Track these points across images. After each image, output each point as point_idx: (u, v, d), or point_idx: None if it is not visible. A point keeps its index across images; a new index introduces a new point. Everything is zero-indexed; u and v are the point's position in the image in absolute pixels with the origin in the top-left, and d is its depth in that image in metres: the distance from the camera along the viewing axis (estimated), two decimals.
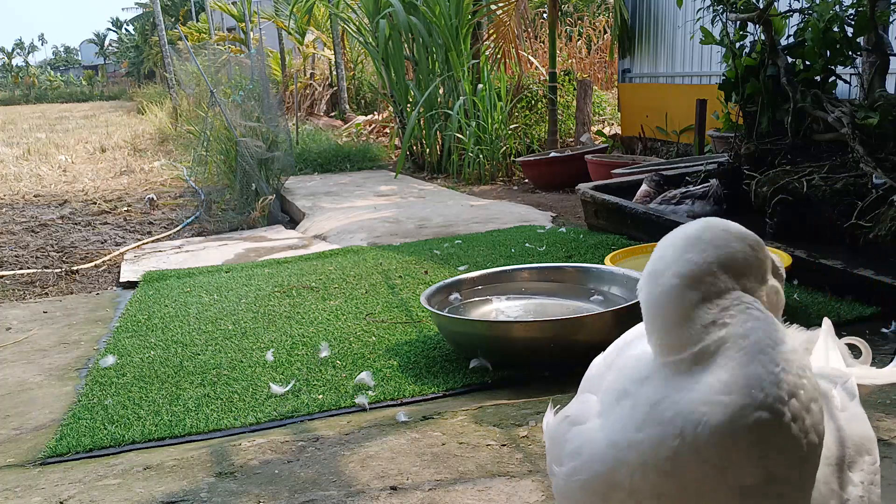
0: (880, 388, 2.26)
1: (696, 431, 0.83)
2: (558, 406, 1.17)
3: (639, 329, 1.09)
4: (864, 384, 1.17)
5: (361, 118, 13.58)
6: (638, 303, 0.99)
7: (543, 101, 8.60)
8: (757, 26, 4.28)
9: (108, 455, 2.24)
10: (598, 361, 1.14)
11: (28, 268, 5.11)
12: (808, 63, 4.16)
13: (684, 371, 0.89)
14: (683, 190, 4.36)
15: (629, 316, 2.55)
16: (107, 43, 59.34)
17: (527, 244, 4.47)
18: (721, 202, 4.23)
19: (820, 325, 1.24)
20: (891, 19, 3.98)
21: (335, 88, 15.63)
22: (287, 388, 2.58)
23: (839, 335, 1.31)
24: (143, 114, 20.46)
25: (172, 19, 29.30)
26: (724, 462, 0.83)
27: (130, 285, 4.42)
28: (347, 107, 15.17)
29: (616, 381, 0.98)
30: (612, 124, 9.66)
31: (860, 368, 1.23)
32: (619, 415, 0.93)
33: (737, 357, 0.86)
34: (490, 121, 7.89)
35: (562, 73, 9.20)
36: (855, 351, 1.30)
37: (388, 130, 11.64)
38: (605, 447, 0.92)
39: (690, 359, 0.89)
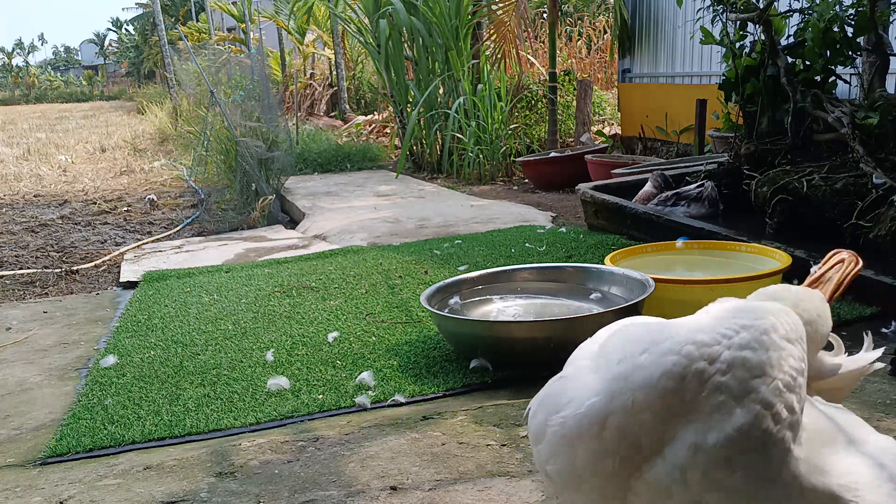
0: (880, 388, 2.26)
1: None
2: None
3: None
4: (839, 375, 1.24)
5: (361, 118, 13.58)
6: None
7: (543, 101, 8.60)
8: (757, 26, 4.28)
9: (108, 455, 2.24)
10: (585, 343, 1.21)
11: (28, 268, 5.12)
12: (808, 63, 4.16)
13: None
14: (677, 191, 4.36)
15: (629, 316, 2.55)
16: (107, 43, 59.38)
17: (527, 244, 4.47)
18: (716, 204, 4.23)
19: None
20: (891, 19, 3.98)
21: (335, 88, 15.64)
22: (287, 388, 2.58)
23: (839, 335, 1.31)
24: (143, 114, 20.48)
25: (172, 19, 29.32)
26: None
27: (130, 285, 4.42)
28: (347, 107, 15.18)
29: (607, 342, 1.10)
30: (612, 124, 9.66)
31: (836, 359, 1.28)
32: (617, 353, 1.04)
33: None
34: (490, 121, 7.89)
35: (562, 73, 9.20)
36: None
37: (388, 130, 11.65)
38: (606, 381, 1.02)
39: None
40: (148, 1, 33.34)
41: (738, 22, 4.39)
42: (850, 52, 3.94)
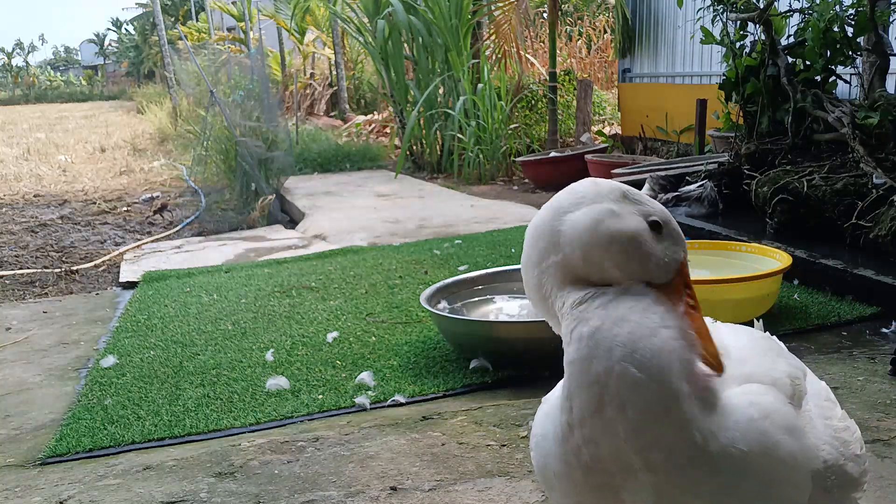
0: (880, 388, 2.26)
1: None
2: None
3: None
4: None
5: (361, 118, 13.58)
6: None
7: (543, 100, 8.60)
8: (757, 26, 4.28)
9: (108, 455, 2.24)
10: None
11: (28, 268, 5.11)
12: (808, 63, 4.16)
13: None
14: (677, 193, 4.35)
15: None
16: (107, 43, 59.32)
17: None
18: (716, 204, 4.23)
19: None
20: (891, 19, 3.98)
21: (335, 88, 15.63)
22: (287, 389, 2.58)
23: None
24: (142, 114, 20.48)
25: (172, 19, 29.29)
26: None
27: (130, 285, 4.41)
28: (347, 107, 15.17)
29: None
30: (612, 124, 9.66)
31: None
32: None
33: None
34: (490, 120, 7.89)
35: (562, 72, 9.20)
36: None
37: (388, 130, 11.64)
38: (557, 443, 0.97)
39: None
40: (148, 1, 33.32)
41: (739, 22, 4.40)
42: (850, 52, 3.95)
